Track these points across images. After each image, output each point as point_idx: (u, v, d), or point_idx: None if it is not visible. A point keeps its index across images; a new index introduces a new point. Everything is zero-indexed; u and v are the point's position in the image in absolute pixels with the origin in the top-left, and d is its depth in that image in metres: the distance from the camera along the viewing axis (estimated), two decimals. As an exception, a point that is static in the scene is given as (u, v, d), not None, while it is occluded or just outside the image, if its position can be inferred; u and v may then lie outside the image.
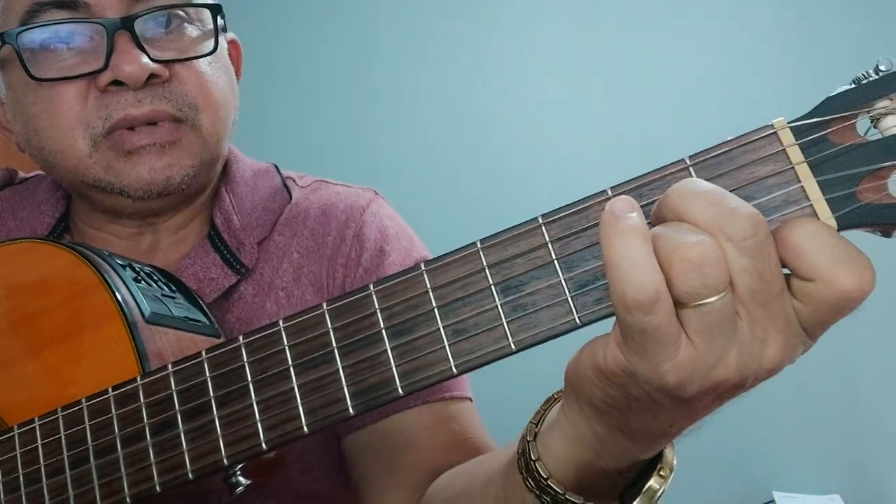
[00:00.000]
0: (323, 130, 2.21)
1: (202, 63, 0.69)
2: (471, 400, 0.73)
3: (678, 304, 0.34)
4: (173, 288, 0.64)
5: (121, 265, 0.59)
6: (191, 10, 0.68)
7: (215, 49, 0.69)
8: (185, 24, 0.68)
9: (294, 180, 0.82)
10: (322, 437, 0.72)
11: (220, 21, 0.70)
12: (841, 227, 0.36)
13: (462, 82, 2.16)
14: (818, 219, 0.36)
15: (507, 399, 1.67)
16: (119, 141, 0.65)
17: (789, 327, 0.36)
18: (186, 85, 0.67)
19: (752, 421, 1.85)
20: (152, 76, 0.64)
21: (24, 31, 0.63)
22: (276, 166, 0.82)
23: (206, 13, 0.69)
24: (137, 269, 0.62)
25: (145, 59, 0.63)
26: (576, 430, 0.42)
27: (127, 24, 0.63)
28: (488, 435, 0.71)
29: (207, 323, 0.62)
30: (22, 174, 0.85)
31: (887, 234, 0.37)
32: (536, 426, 0.46)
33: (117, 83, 0.64)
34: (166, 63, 0.65)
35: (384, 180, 2.06)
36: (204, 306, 0.65)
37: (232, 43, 0.78)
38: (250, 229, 0.74)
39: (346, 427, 0.71)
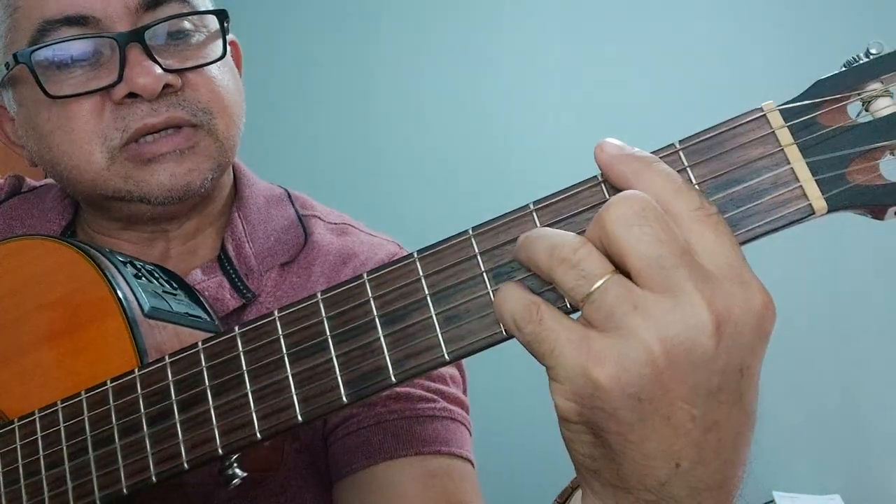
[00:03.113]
0: (322, 129, 2.20)
1: (212, 68, 0.69)
2: (472, 463, 0.68)
3: (575, 308, 0.37)
4: (175, 285, 0.64)
5: (122, 262, 0.60)
6: (195, 18, 0.69)
7: (224, 54, 0.70)
8: (190, 33, 0.68)
9: (319, 217, 0.80)
10: (317, 491, 0.69)
11: (226, 26, 0.70)
12: (831, 208, 0.36)
13: (462, 81, 2.15)
14: (807, 199, 0.36)
15: (501, 389, 1.65)
16: (137, 151, 0.65)
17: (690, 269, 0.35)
18: (199, 91, 0.67)
19: (752, 420, 1.83)
20: (166, 86, 0.65)
21: (37, 49, 0.63)
22: (288, 194, 0.81)
23: (210, 17, 0.70)
24: (139, 266, 0.62)
25: (159, 70, 0.64)
26: None
27: (137, 36, 0.64)
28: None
29: (208, 319, 0.63)
30: (31, 181, 0.86)
31: (878, 216, 0.37)
32: None
33: (132, 95, 0.64)
34: (178, 72, 0.66)
35: (382, 178, 2.07)
36: (205, 303, 0.65)
37: (232, 44, 0.78)
38: (261, 258, 0.73)
39: (336, 473, 0.68)
